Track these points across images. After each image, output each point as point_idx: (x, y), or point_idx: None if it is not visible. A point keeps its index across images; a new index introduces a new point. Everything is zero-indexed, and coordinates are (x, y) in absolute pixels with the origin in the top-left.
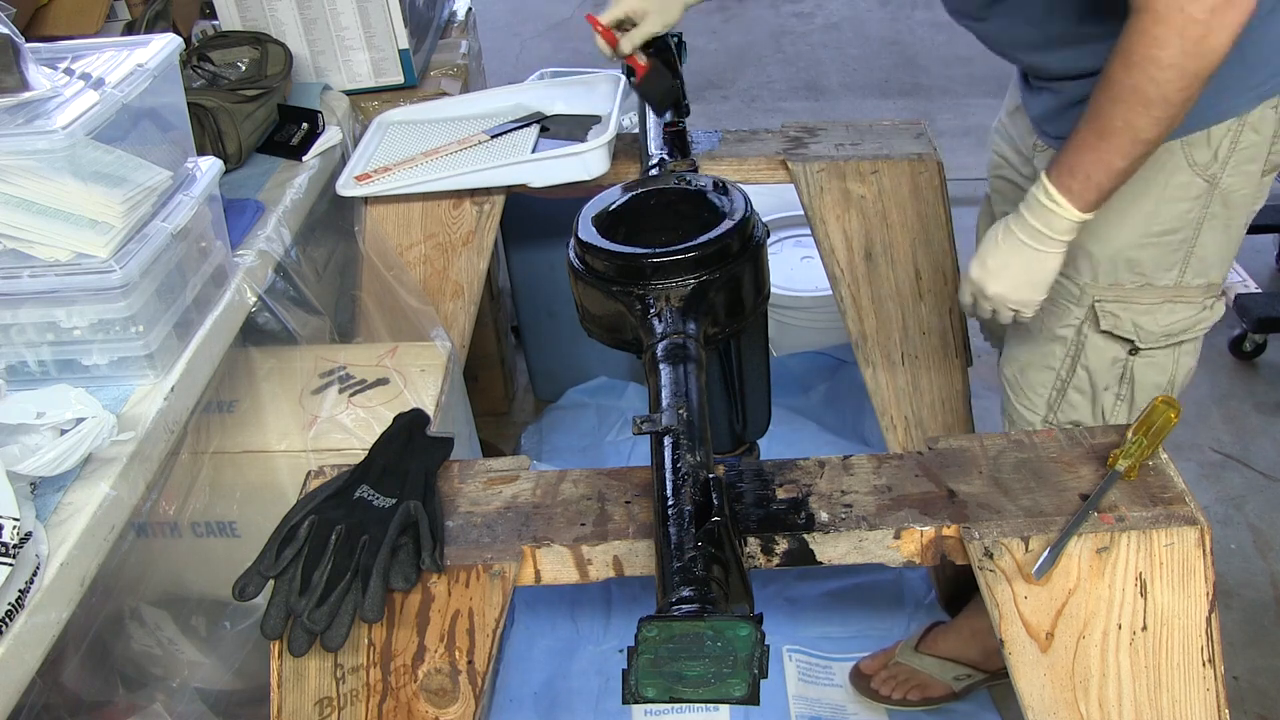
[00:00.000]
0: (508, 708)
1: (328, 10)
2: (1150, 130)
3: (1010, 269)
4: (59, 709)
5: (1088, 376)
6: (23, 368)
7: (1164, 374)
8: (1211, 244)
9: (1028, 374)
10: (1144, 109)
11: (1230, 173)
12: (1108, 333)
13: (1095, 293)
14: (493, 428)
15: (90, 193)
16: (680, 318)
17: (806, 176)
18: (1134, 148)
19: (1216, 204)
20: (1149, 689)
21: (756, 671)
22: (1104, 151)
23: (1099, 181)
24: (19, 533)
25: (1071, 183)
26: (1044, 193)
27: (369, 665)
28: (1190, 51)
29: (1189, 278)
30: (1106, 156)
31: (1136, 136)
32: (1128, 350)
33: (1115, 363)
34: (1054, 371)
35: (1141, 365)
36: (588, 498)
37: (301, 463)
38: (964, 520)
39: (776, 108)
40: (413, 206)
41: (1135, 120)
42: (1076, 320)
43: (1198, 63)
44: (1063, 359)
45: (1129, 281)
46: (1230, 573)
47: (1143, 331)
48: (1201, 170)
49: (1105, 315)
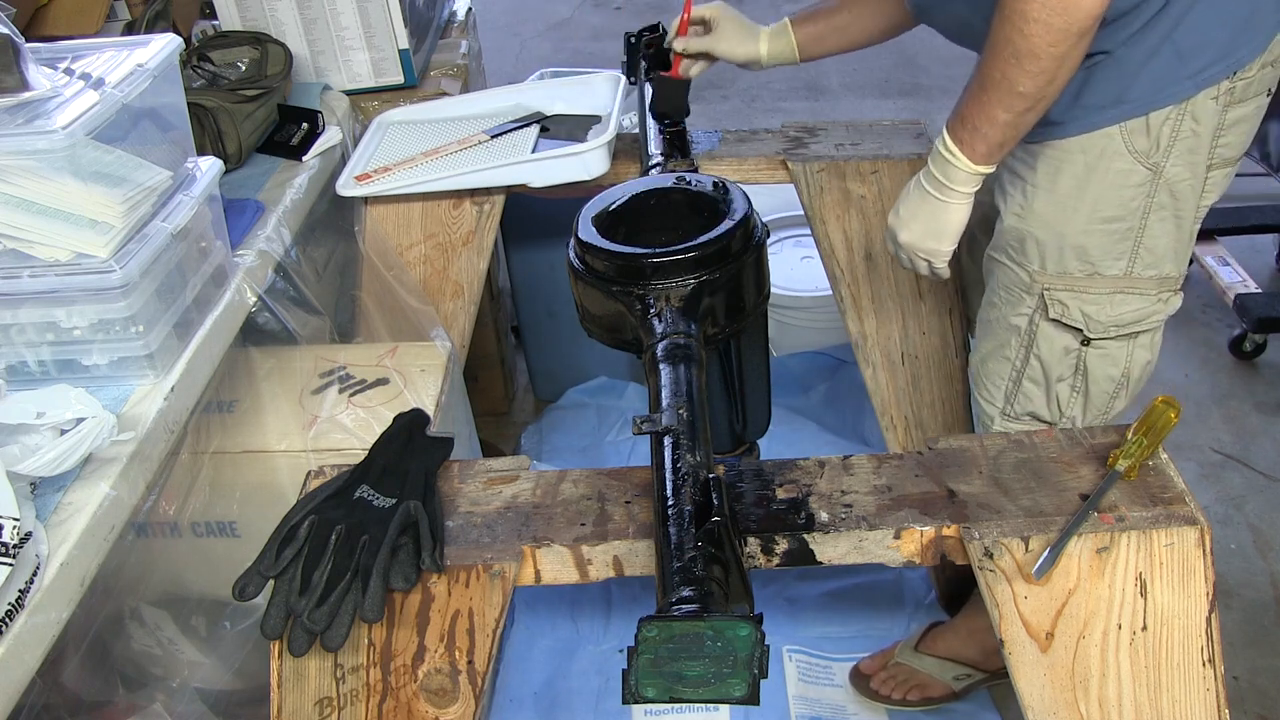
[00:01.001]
0: (508, 708)
1: (328, 10)
2: (1025, 83)
3: (917, 218)
4: (59, 709)
5: (1040, 367)
6: (23, 368)
7: (1117, 366)
8: (1162, 235)
9: (987, 364)
10: (1016, 61)
11: (1173, 162)
12: (1057, 321)
13: (1044, 281)
14: (493, 428)
15: (90, 193)
16: (680, 318)
17: (806, 176)
18: (1013, 100)
19: (1162, 193)
20: (1149, 689)
21: (756, 671)
22: (986, 103)
23: (985, 132)
24: (19, 533)
25: (962, 133)
26: (942, 144)
27: (369, 665)
28: (1054, 6)
29: (1139, 268)
30: (988, 108)
31: (1013, 88)
32: (1079, 340)
33: (1068, 353)
34: (1009, 362)
35: (1094, 357)
36: (588, 498)
37: (301, 463)
38: (964, 520)
39: (776, 108)
40: (413, 206)
41: (1010, 72)
42: (1029, 310)
43: (1064, 18)
44: (1017, 349)
45: (1077, 270)
46: (1230, 573)
47: (1092, 321)
48: (1143, 158)
49: (1054, 303)
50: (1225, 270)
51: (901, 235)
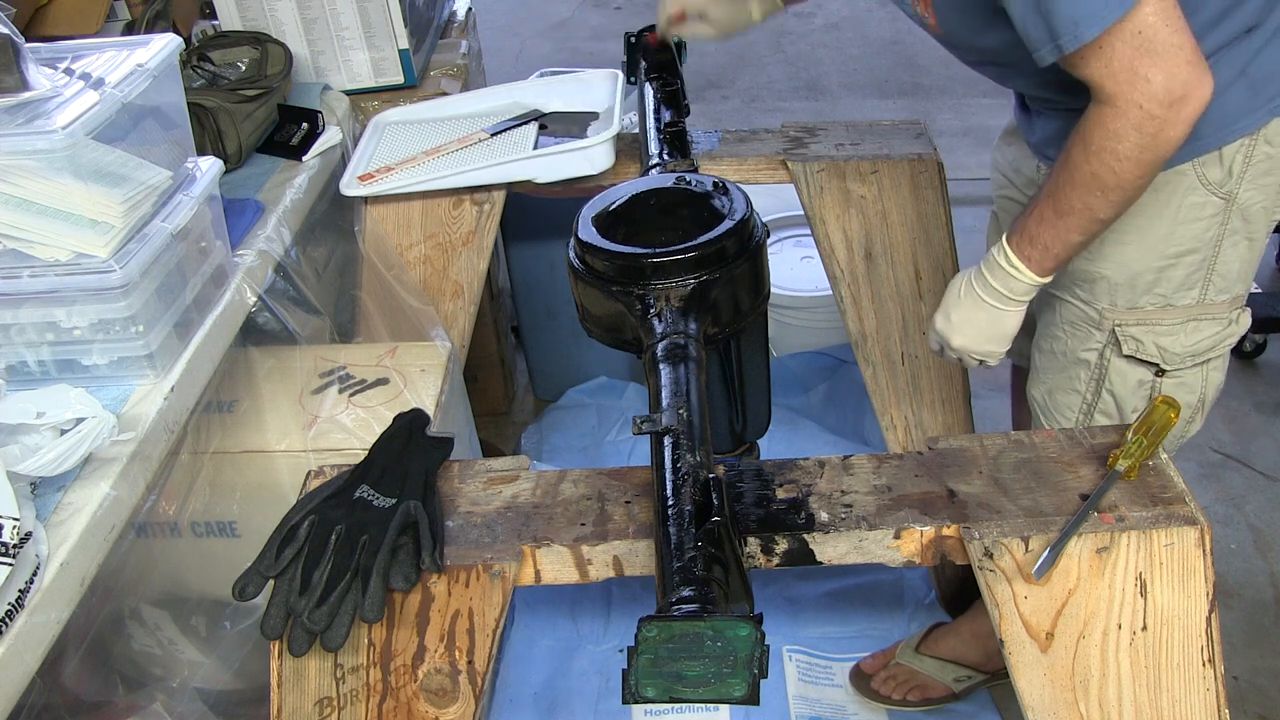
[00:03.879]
0: (508, 708)
1: (328, 10)
2: (1106, 211)
3: (973, 324)
4: (59, 709)
5: (1114, 401)
6: (23, 368)
7: (1193, 394)
8: (1235, 259)
9: (1055, 396)
10: (1101, 194)
11: (1247, 187)
12: (1131, 357)
13: (1115, 317)
14: (493, 428)
15: (90, 193)
16: (680, 318)
17: (806, 176)
18: (1090, 225)
19: (1235, 219)
20: (1149, 689)
21: (756, 671)
22: (1061, 229)
23: (1056, 253)
24: (19, 533)
25: (1031, 251)
26: (1004, 257)
27: (369, 665)
28: (1147, 145)
29: (1211, 294)
30: (1064, 233)
31: (1093, 216)
32: (1154, 373)
33: (1142, 385)
34: (1080, 395)
35: (1170, 386)
36: (588, 498)
37: (301, 463)
38: (964, 520)
39: (776, 108)
40: (412, 206)
41: (1092, 203)
42: (1098, 344)
43: (1154, 154)
44: (1087, 383)
45: (1149, 304)
46: (1230, 573)
47: (1167, 354)
48: (1216, 188)
49: (1127, 340)
50: None
51: (955, 340)
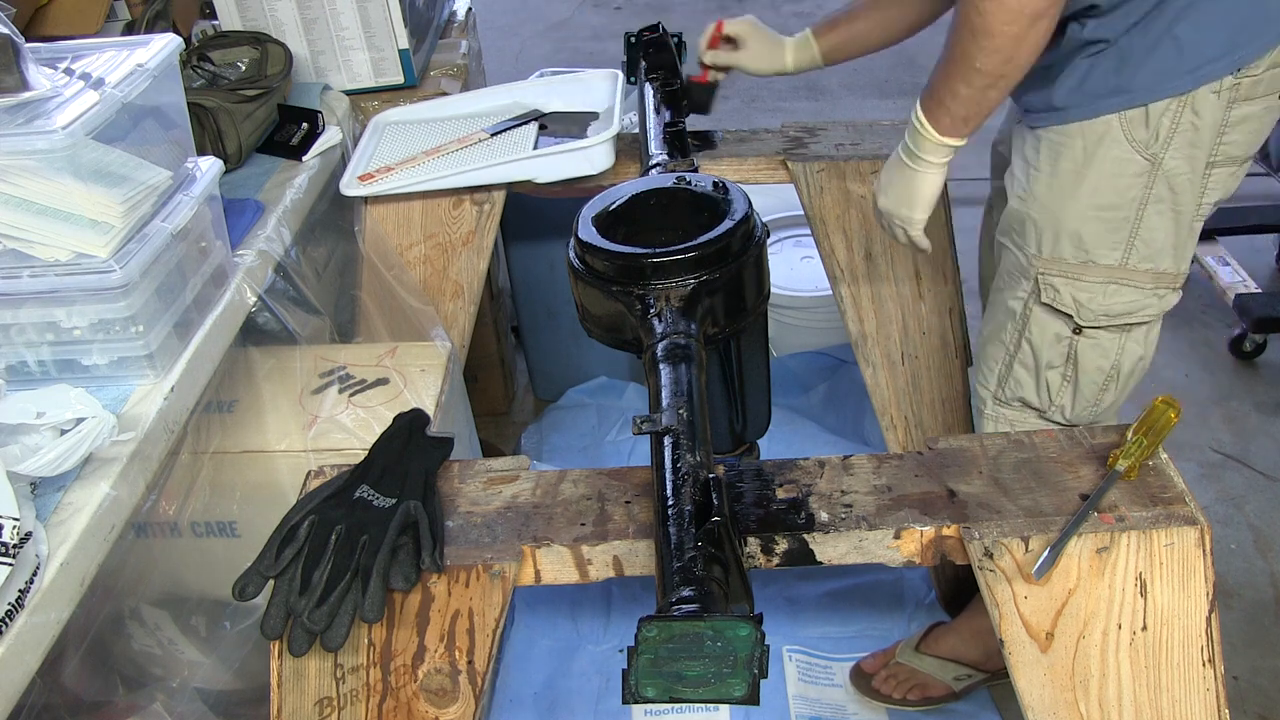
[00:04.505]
0: (508, 708)
1: (328, 10)
2: (983, 60)
3: (894, 185)
4: (59, 709)
5: (1031, 352)
6: (23, 368)
7: (1107, 358)
8: (1159, 228)
9: (986, 348)
10: (973, 39)
11: (1172, 154)
12: (1049, 306)
13: (1040, 265)
14: (493, 428)
15: (90, 193)
16: (680, 318)
17: (806, 176)
18: (971, 75)
19: (1160, 185)
20: (1149, 689)
21: (756, 671)
22: (950, 77)
23: (949, 106)
24: (19, 533)
25: (931, 105)
26: (914, 115)
27: (369, 665)
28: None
29: (1134, 260)
30: (951, 82)
31: (971, 64)
32: (1071, 329)
33: (1059, 340)
34: (1004, 346)
35: (1085, 346)
36: (588, 498)
37: (301, 463)
38: (964, 520)
39: (776, 108)
40: (412, 206)
41: (969, 49)
42: (1024, 294)
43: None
44: (1011, 333)
45: (1071, 256)
46: (1230, 573)
47: (1083, 309)
48: (1141, 148)
49: (1046, 288)
50: (1225, 270)
51: (880, 201)
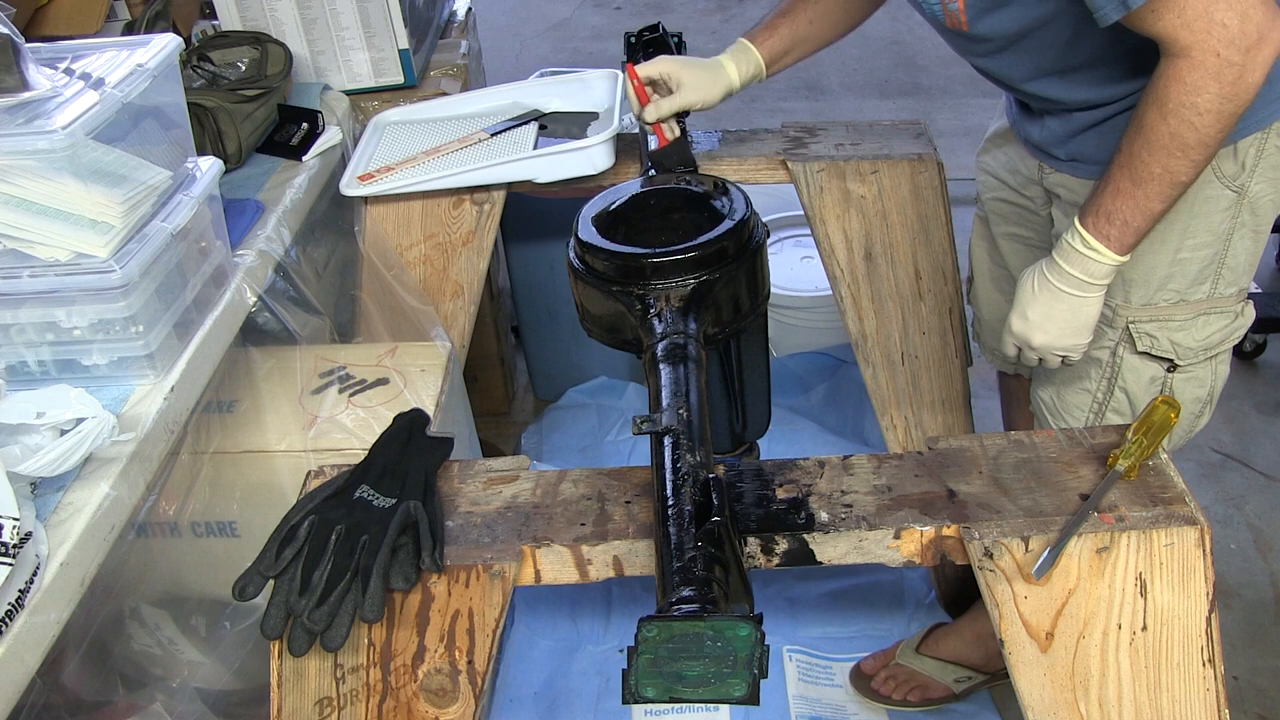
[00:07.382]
0: (508, 708)
1: (328, 10)
2: (1188, 173)
3: (1054, 318)
4: (59, 709)
5: (1126, 399)
6: (23, 368)
7: (1203, 387)
8: (1242, 251)
9: (1064, 397)
10: (1182, 154)
11: (1258, 180)
12: (1145, 353)
13: (1129, 314)
14: (493, 428)
15: (90, 193)
16: (680, 318)
17: (806, 176)
18: (1172, 190)
19: (1245, 212)
20: (1149, 689)
21: (756, 671)
22: (1141, 198)
23: (1137, 226)
24: (19, 533)
25: (1109, 229)
26: (1080, 240)
27: (369, 665)
28: (1228, 95)
29: (1221, 288)
30: (1144, 202)
31: (1174, 180)
32: (1166, 368)
33: (1154, 382)
34: (1090, 394)
35: (1181, 381)
36: (588, 498)
37: (301, 463)
38: (964, 520)
39: (776, 108)
40: (412, 206)
41: (1173, 165)
42: (1111, 342)
43: (1235, 104)
44: (1099, 381)
45: (1163, 300)
46: (1230, 573)
47: (1181, 349)
48: (1229, 182)
49: (1141, 337)
50: None
51: (1037, 339)
